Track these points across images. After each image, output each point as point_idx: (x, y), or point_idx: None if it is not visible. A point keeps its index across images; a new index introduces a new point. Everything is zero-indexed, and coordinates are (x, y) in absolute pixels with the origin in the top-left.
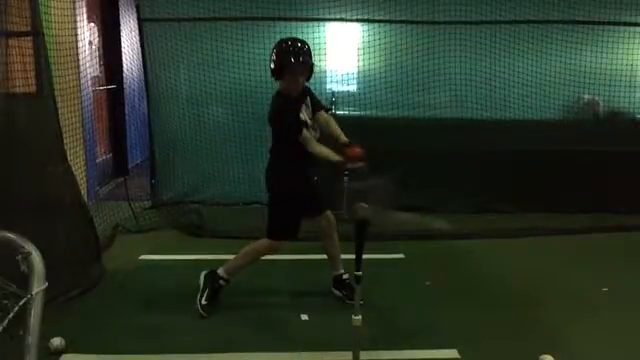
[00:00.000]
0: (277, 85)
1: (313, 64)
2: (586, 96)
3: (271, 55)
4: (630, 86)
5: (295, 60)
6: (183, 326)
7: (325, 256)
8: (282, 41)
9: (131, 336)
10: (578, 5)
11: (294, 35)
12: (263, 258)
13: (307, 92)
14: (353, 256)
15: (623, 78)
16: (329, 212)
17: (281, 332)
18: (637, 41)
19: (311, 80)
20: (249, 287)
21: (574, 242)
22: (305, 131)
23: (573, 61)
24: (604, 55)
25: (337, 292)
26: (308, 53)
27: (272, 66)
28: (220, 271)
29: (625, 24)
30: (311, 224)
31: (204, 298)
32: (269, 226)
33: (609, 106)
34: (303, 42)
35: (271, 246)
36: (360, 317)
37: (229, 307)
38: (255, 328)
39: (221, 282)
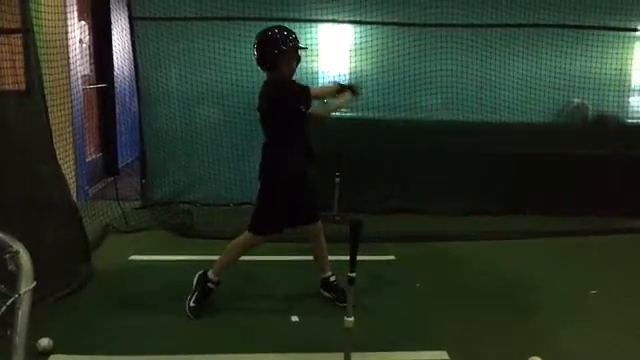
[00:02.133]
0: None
1: (303, 48)
2: (575, 100)
3: (256, 46)
4: (619, 90)
5: (286, 46)
6: (173, 327)
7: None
8: (268, 30)
9: (120, 337)
10: (568, 10)
11: None
12: (254, 259)
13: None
14: (345, 258)
15: (612, 82)
16: (320, 223)
17: (271, 334)
18: (626, 46)
19: (303, 81)
20: (239, 288)
21: (563, 244)
22: (311, 88)
23: (563, 65)
24: (594, 59)
25: (326, 294)
26: (296, 38)
27: (258, 55)
28: (209, 273)
29: (615, 29)
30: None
31: (193, 300)
32: (253, 219)
33: (598, 110)
34: (289, 29)
35: (252, 240)
36: (353, 319)
37: (219, 308)
38: (245, 329)
39: (209, 285)
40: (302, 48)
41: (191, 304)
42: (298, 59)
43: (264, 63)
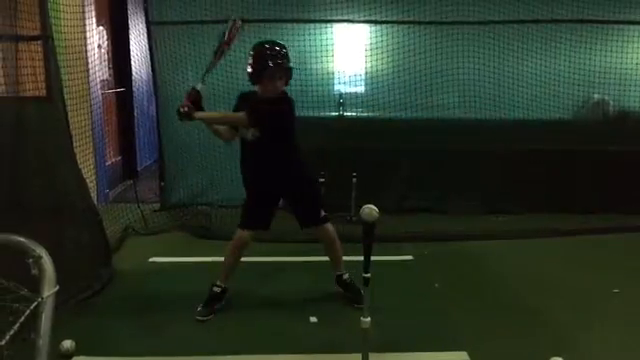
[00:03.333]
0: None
1: (291, 68)
2: (596, 96)
3: (248, 58)
4: None
5: (274, 64)
6: (194, 328)
7: None
8: (260, 44)
9: (141, 338)
10: (587, 4)
11: (302, 37)
12: (272, 260)
13: (282, 99)
14: (361, 258)
15: (633, 77)
16: (328, 225)
17: (290, 334)
18: None
19: (319, 82)
20: (258, 290)
21: (583, 243)
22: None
23: (582, 61)
24: (614, 54)
25: (340, 289)
26: (286, 56)
27: (249, 70)
28: (218, 281)
29: (635, 23)
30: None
31: (202, 304)
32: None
33: (619, 106)
34: (281, 45)
35: (240, 235)
36: (369, 319)
37: (238, 310)
38: (264, 330)
39: (215, 289)
40: (289, 68)
41: (198, 308)
42: (288, 77)
43: (249, 76)
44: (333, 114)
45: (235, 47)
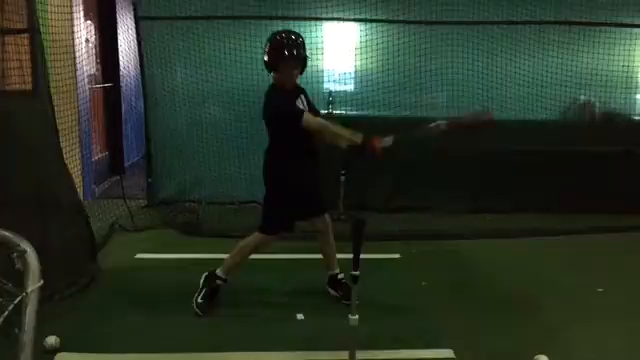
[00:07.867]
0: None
1: (307, 57)
2: (582, 97)
3: (265, 47)
4: (626, 87)
5: (289, 53)
6: (179, 325)
7: (321, 255)
8: (276, 33)
9: (126, 335)
10: (575, 6)
11: None
12: (259, 257)
13: (302, 90)
14: (350, 256)
15: (619, 79)
16: (326, 214)
17: (277, 331)
18: (633, 42)
19: (308, 79)
20: (245, 287)
21: (570, 242)
22: (307, 114)
23: (570, 62)
24: (600, 57)
25: (332, 291)
26: (302, 46)
27: (266, 58)
28: (218, 271)
29: (621, 25)
30: (307, 224)
31: (200, 296)
32: (262, 219)
33: (605, 107)
34: (297, 35)
35: (263, 239)
36: (357, 317)
37: (225, 306)
38: (251, 327)
39: (218, 282)
40: (305, 57)
41: (199, 300)
42: (303, 66)
43: (265, 65)
44: (322, 112)
45: (229, 47)
